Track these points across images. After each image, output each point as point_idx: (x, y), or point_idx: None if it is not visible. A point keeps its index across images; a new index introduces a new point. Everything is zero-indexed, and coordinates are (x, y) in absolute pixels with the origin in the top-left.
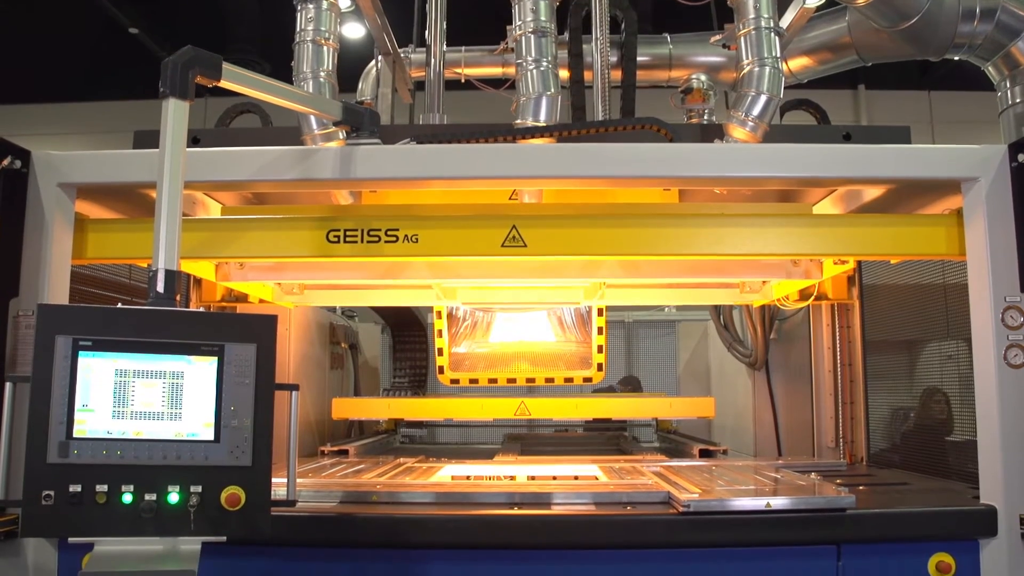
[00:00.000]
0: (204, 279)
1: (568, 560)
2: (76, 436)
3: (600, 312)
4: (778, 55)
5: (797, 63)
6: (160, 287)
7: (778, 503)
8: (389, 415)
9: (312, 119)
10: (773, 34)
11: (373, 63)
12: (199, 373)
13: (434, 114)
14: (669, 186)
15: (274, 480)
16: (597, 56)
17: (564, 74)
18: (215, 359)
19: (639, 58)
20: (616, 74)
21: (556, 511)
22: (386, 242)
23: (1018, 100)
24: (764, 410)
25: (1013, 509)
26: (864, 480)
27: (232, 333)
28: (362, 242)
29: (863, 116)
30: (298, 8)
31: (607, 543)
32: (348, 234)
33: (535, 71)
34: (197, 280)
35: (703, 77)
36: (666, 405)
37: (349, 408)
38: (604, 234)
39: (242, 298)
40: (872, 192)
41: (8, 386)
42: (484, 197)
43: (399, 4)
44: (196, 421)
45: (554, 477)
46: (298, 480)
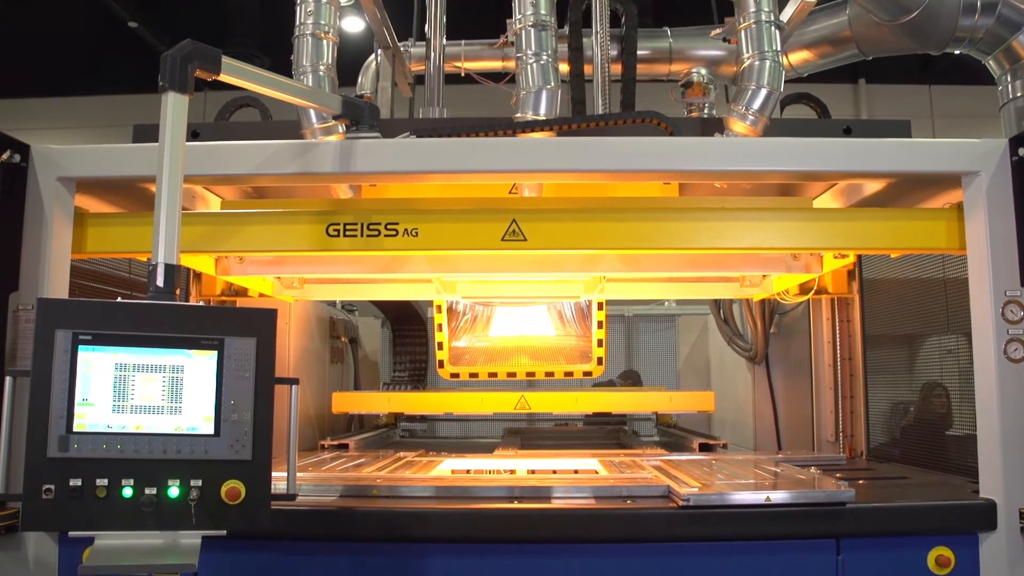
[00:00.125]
0: (204, 273)
1: (568, 554)
2: (76, 430)
3: (600, 306)
4: (778, 49)
5: (797, 57)
6: (160, 281)
7: (778, 497)
8: (389, 409)
9: (312, 113)
10: (773, 28)
11: (373, 57)
12: (199, 367)
13: (434, 108)
14: (669, 180)
15: (274, 474)
16: (597, 50)
17: (564, 68)
18: (215, 353)
19: (639, 52)
20: (616, 68)
21: (556, 505)
22: (386, 236)
23: (1019, 94)
24: (764, 404)
25: (1013, 503)
26: (864, 474)
27: (232, 327)
28: (362, 236)
29: (864, 110)
30: (298, 2)
31: (607, 537)
32: (348, 228)
33: (535, 65)
34: (197, 274)
35: (703, 71)
36: (666, 399)
37: (349, 402)
38: (604, 228)
39: (242, 292)
40: (873, 186)
41: (8, 380)
42: (484, 191)
43: None
44: (196, 415)
45: (554, 471)
46: (298, 474)
